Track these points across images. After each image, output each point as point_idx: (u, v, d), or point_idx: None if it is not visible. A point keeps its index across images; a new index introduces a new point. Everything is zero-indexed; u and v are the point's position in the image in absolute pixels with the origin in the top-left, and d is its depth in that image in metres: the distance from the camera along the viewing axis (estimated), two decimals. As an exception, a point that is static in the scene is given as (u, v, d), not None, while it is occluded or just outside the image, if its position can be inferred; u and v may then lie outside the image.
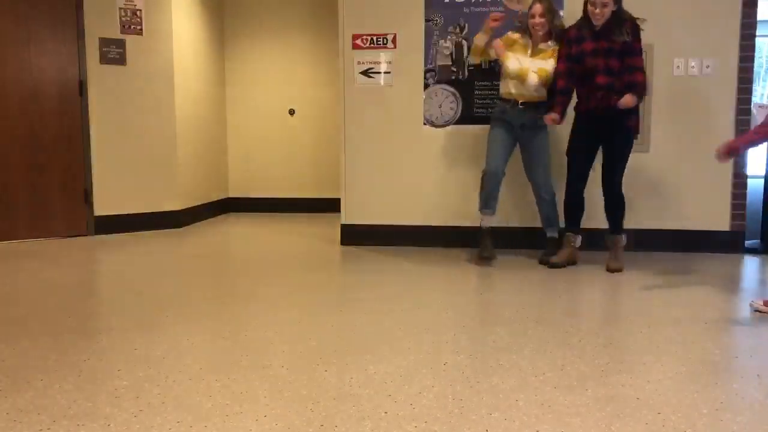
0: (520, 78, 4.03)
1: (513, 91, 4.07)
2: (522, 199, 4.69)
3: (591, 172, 4.07)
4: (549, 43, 4.04)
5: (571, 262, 4.10)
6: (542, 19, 3.98)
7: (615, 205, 4.01)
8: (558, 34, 4.02)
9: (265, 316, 2.98)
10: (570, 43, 3.93)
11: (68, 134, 5.18)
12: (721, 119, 4.46)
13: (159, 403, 2.01)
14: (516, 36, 4.10)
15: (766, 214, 4.68)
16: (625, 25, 3.77)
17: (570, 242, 4.12)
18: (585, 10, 3.86)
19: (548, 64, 4.01)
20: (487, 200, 4.18)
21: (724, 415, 1.92)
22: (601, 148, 4.00)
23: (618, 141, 3.92)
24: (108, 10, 5.23)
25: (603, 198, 4.03)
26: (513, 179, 4.46)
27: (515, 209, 4.70)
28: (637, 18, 3.87)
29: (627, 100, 3.73)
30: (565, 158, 4.12)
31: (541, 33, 4.02)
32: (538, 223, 4.44)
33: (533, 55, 4.04)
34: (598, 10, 3.75)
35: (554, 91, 4.01)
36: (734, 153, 3.38)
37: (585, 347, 2.54)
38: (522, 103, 4.06)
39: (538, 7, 3.98)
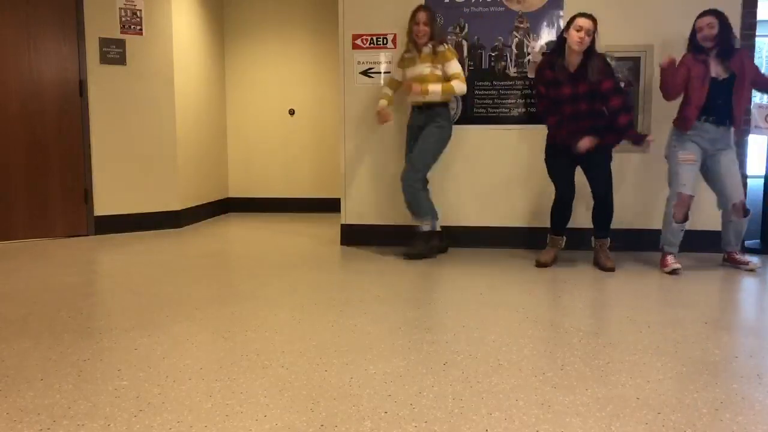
0: (408, 90, 4.27)
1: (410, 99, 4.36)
2: (505, 199, 4.69)
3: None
4: (430, 45, 4.21)
5: (554, 261, 4.17)
6: (426, 28, 4.18)
7: (603, 212, 4.07)
8: (439, 40, 4.23)
9: (265, 316, 2.98)
10: (547, 84, 3.96)
11: (68, 134, 5.18)
12: (721, 119, 4.45)
13: (159, 403, 2.01)
14: (407, 55, 4.36)
15: (766, 214, 4.69)
16: (598, 65, 3.86)
17: (557, 244, 4.18)
18: (560, 39, 3.95)
19: (427, 69, 4.20)
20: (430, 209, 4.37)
21: (724, 415, 1.92)
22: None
23: (596, 159, 3.97)
24: (108, 10, 5.23)
25: (587, 201, 4.11)
26: (510, 182, 4.45)
27: (501, 210, 4.70)
28: (606, 53, 4.08)
29: (585, 143, 3.87)
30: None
31: (424, 40, 4.21)
32: (523, 223, 4.45)
33: (422, 62, 4.24)
34: (582, 35, 3.80)
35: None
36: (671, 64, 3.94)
37: (585, 347, 2.54)
38: (417, 107, 4.35)
39: (422, 15, 4.19)
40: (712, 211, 4.25)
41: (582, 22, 3.82)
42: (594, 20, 3.85)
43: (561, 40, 3.95)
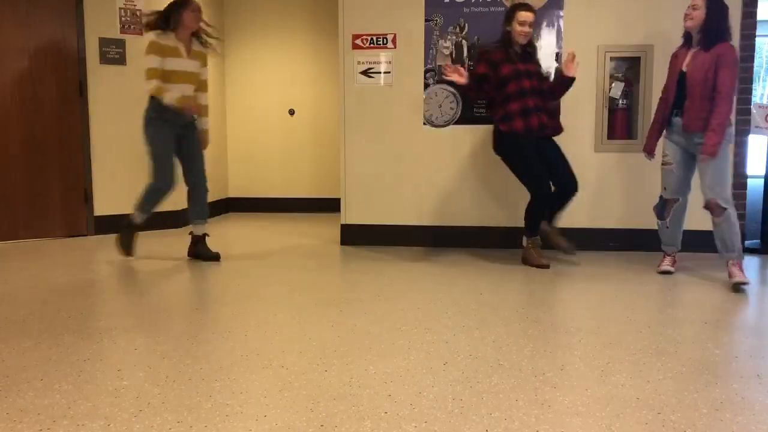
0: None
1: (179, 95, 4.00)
2: (505, 198, 4.69)
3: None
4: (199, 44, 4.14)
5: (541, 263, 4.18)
6: (202, 23, 4.08)
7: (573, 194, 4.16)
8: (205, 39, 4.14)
9: (265, 316, 2.98)
10: (494, 64, 4.00)
11: (68, 134, 5.18)
12: (721, 119, 4.45)
13: (159, 403, 2.00)
14: (166, 41, 3.97)
15: (766, 214, 4.69)
16: (535, 50, 4.18)
17: (537, 244, 4.17)
18: (505, 30, 4.02)
19: (198, 68, 4.13)
20: (150, 209, 4.20)
21: (724, 415, 1.92)
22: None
23: (555, 142, 4.12)
24: (108, 10, 5.23)
25: (558, 191, 4.10)
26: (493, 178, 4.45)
27: (501, 209, 4.70)
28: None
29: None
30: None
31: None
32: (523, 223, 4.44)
33: (190, 55, 4.08)
34: (527, 29, 3.94)
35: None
36: (651, 149, 3.92)
37: (585, 347, 2.54)
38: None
39: (197, 5, 4.02)
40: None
41: (525, 15, 3.93)
42: (534, 12, 3.99)
43: (505, 32, 4.04)
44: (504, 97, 3.98)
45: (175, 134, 4.09)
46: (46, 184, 5.13)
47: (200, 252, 4.28)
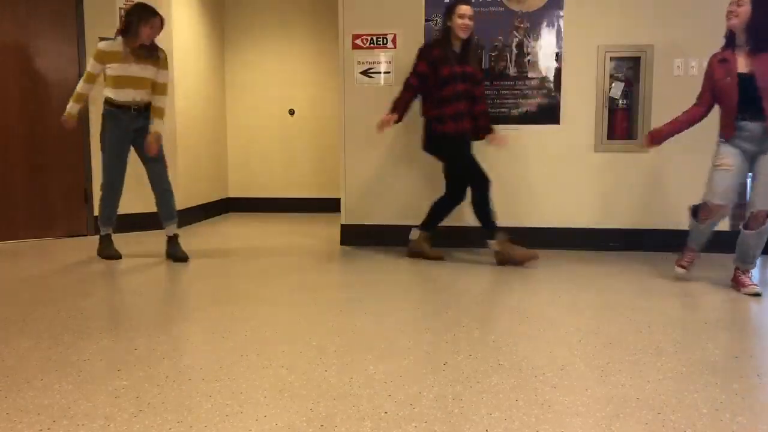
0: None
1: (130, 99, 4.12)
2: (505, 198, 4.69)
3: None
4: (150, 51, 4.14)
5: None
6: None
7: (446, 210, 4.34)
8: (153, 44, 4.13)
9: (265, 316, 2.98)
10: (434, 62, 4.05)
11: (68, 134, 5.17)
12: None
13: (159, 403, 2.00)
14: (111, 47, 4.05)
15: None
16: (476, 51, 4.20)
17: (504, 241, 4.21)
18: (446, 25, 4.07)
19: (152, 73, 4.15)
20: (110, 216, 4.32)
21: (724, 415, 1.92)
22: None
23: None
24: (108, 10, 5.23)
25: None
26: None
27: (500, 209, 4.70)
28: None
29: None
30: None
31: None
32: (522, 223, 4.43)
33: (139, 61, 4.10)
34: (467, 21, 4.00)
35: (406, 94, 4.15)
36: (658, 140, 3.74)
37: (585, 347, 2.54)
38: (135, 109, 4.16)
39: (159, 21, 4.05)
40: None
41: (464, 9, 4.02)
42: (470, 4, 4.07)
43: (446, 28, 4.09)
44: (440, 98, 4.06)
45: (129, 136, 4.16)
46: (46, 184, 5.13)
47: (169, 252, 4.32)
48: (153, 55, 4.13)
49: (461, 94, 4.07)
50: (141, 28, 4.02)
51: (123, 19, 4.11)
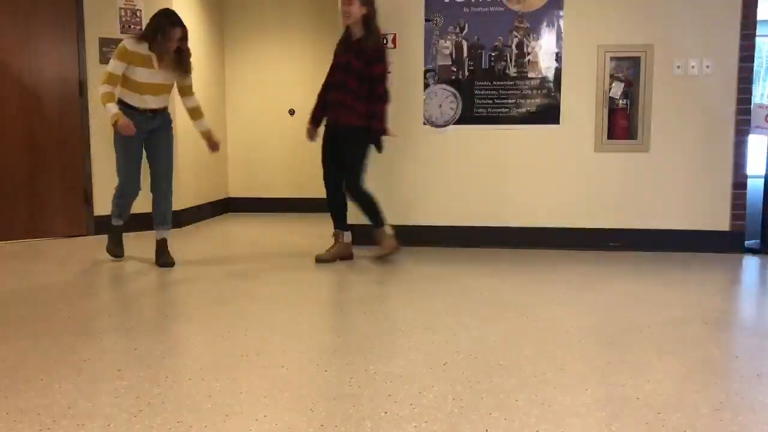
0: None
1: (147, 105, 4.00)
2: (505, 198, 4.69)
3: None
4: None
5: (346, 256, 4.27)
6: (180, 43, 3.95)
7: (359, 205, 4.20)
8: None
9: (265, 316, 2.98)
10: (336, 55, 4.15)
11: (68, 134, 5.18)
12: (721, 119, 4.46)
13: (159, 403, 2.00)
14: (137, 48, 3.88)
15: (766, 214, 4.69)
16: (374, 44, 3.98)
17: (338, 239, 4.27)
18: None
19: (173, 79, 4.08)
20: (120, 214, 4.27)
21: (724, 415, 1.92)
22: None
23: (348, 148, 4.11)
24: (108, 10, 5.23)
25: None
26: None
27: (501, 209, 4.70)
28: (385, 35, 4.23)
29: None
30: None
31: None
32: (522, 223, 4.44)
33: (164, 67, 3.98)
34: (345, 8, 3.98)
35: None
36: None
37: (585, 347, 2.54)
38: (150, 111, 4.03)
39: (180, 31, 3.87)
40: (718, 210, 4.26)
41: None
42: None
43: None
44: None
45: (142, 137, 4.05)
46: (46, 184, 5.13)
47: (156, 257, 4.21)
48: (183, 62, 4.00)
49: (336, 83, 4.08)
50: (171, 33, 3.83)
51: (150, 22, 3.91)
